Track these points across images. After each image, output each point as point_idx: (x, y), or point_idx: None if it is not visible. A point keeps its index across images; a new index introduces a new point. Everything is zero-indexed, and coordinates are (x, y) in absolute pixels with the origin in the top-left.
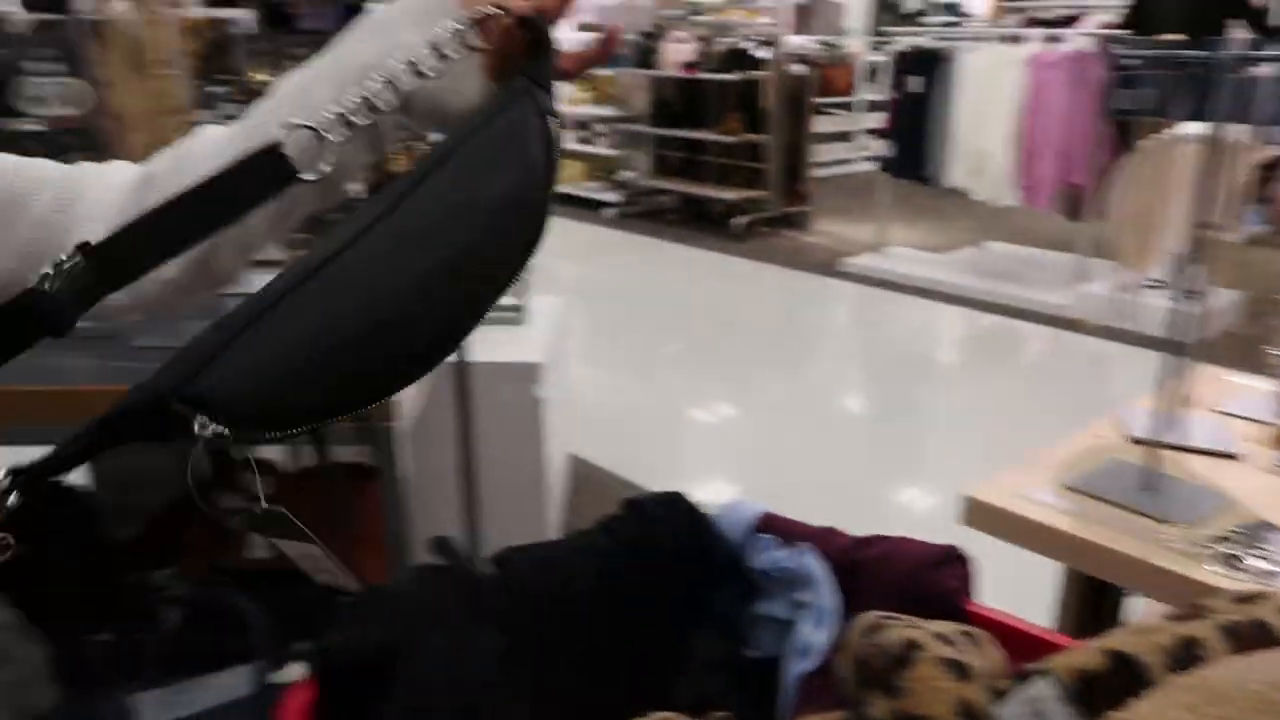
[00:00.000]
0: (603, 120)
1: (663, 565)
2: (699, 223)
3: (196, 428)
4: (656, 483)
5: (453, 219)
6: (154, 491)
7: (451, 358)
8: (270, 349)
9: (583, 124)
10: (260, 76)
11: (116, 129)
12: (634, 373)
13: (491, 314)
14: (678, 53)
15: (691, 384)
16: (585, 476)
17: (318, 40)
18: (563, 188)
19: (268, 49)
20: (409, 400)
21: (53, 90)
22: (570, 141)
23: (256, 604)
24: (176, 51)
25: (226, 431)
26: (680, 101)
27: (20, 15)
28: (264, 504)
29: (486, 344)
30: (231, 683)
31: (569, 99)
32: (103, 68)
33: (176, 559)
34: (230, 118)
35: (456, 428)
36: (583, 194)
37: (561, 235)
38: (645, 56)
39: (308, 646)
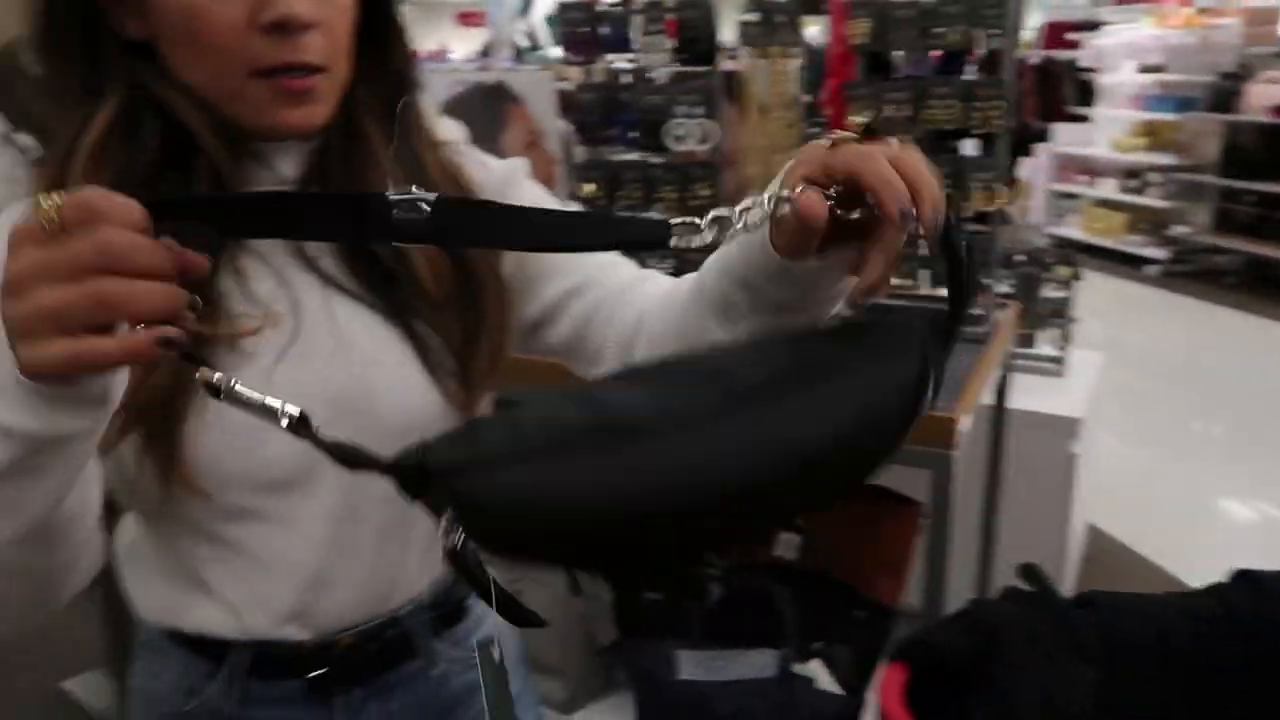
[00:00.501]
0: (1157, 169)
1: (1276, 643)
2: (1265, 288)
3: (442, 519)
4: (1180, 573)
5: (771, 445)
6: None
7: (990, 399)
8: (551, 487)
9: (1131, 172)
10: (859, 119)
11: (733, 163)
12: (1164, 448)
13: (1031, 363)
14: (1267, 95)
15: (1232, 471)
16: (1101, 549)
17: (910, 86)
18: (1099, 240)
19: (865, 94)
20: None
21: (691, 130)
22: (1113, 190)
23: (789, 598)
24: (791, 98)
25: (462, 533)
26: (1263, 149)
27: (666, 69)
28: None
29: (1024, 392)
30: (759, 663)
31: (1116, 144)
32: (731, 111)
33: None
34: None
35: (985, 471)
36: (1122, 248)
37: (1093, 291)
38: (1222, 99)
39: (823, 646)
